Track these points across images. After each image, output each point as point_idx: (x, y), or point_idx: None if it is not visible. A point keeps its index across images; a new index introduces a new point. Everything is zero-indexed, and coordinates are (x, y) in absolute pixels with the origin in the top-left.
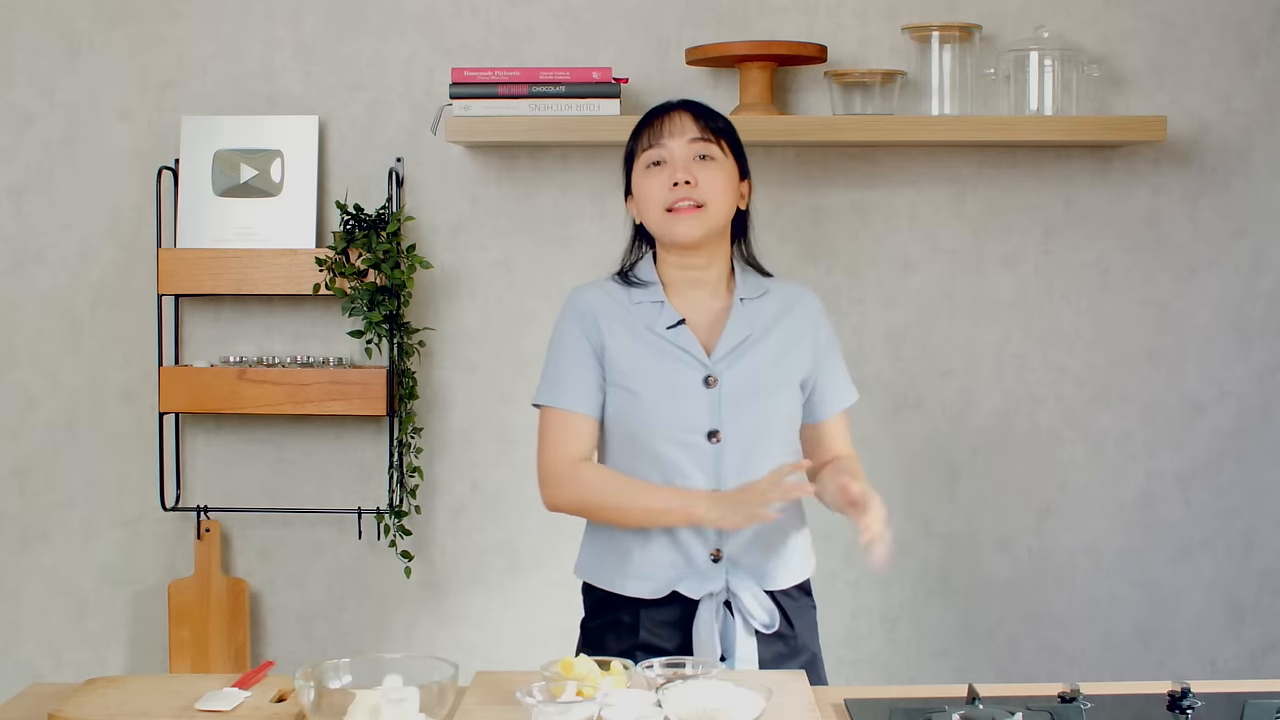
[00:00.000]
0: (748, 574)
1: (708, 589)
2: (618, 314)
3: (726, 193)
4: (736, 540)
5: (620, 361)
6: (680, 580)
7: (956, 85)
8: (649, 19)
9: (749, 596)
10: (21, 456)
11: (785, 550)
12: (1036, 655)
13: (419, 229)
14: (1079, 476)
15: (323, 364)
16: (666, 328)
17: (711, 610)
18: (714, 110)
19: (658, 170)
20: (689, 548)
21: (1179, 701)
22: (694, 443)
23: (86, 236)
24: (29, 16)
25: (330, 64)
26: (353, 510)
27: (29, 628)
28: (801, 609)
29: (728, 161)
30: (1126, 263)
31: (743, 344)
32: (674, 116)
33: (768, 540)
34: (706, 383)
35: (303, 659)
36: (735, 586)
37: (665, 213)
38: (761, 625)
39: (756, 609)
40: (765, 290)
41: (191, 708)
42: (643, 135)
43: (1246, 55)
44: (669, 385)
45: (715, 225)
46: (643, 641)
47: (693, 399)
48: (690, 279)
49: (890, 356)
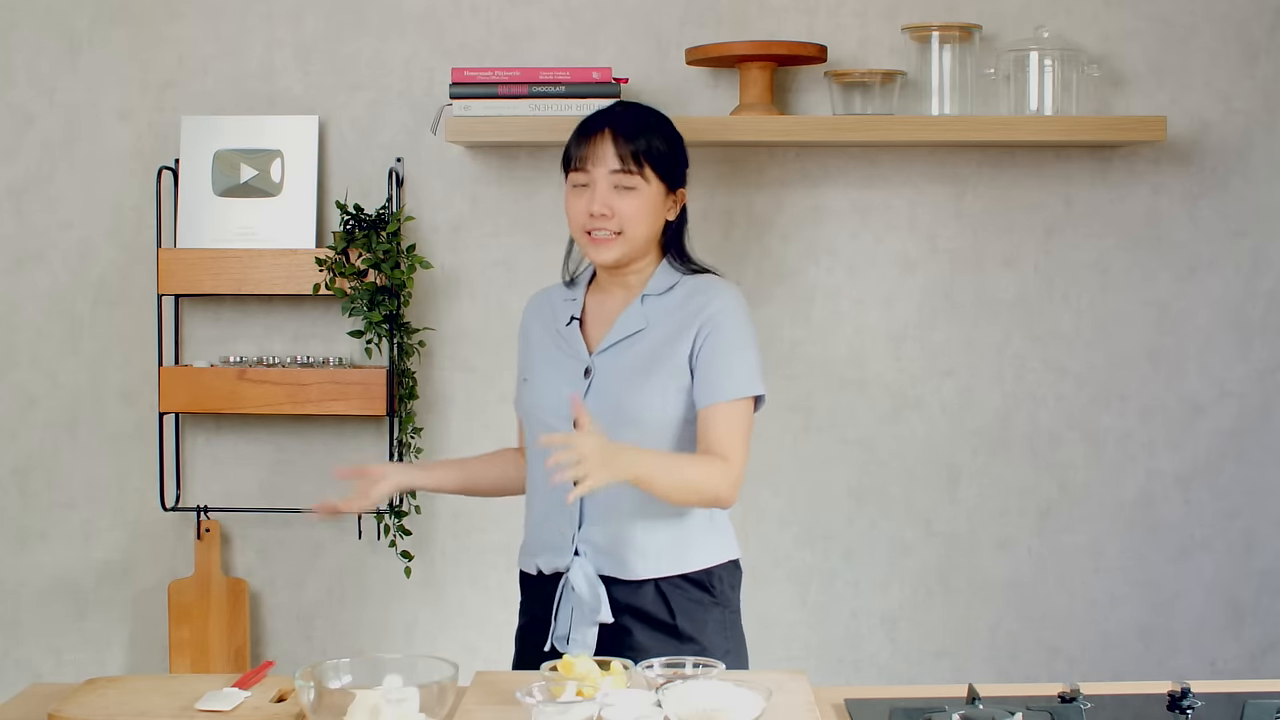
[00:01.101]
0: (600, 560)
1: (557, 566)
2: (544, 314)
3: (643, 219)
4: (592, 526)
5: (529, 355)
6: (541, 555)
7: (956, 85)
8: (649, 19)
9: (581, 580)
10: (21, 456)
11: (641, 541)
12: (1036, 655)
13: (419, 229)
14: (1079, 476)
15: (323, 364)
16: (564, 325)
17: (557, 588)
18: (645, 123)
19: (581, 192)
20: (559, 526)
21: (1179, 701)
22: (563, 428)
23: (86, 236)
24: (29, 16)
25: (330, 64)
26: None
27: (29, 628)
28: (690, 600)
29: (650, 187)
30: (1126, 263)
31: (629, 338)
32: (597, 141)
33: (622, 529)
34: (586, 374)
35: (303, 659)
36: (574, 569)
37: (585, 234)
38: (589, 610)
39: (585, 593)
40: (673, 285)
41: (191, 708)
42: (572, 153)
43: (1246, 55)
44: (553, 374)
45: (632, 249)
46: (536, 614)
47: (567, 389)
48: (616, 281)
49: (890, 356)
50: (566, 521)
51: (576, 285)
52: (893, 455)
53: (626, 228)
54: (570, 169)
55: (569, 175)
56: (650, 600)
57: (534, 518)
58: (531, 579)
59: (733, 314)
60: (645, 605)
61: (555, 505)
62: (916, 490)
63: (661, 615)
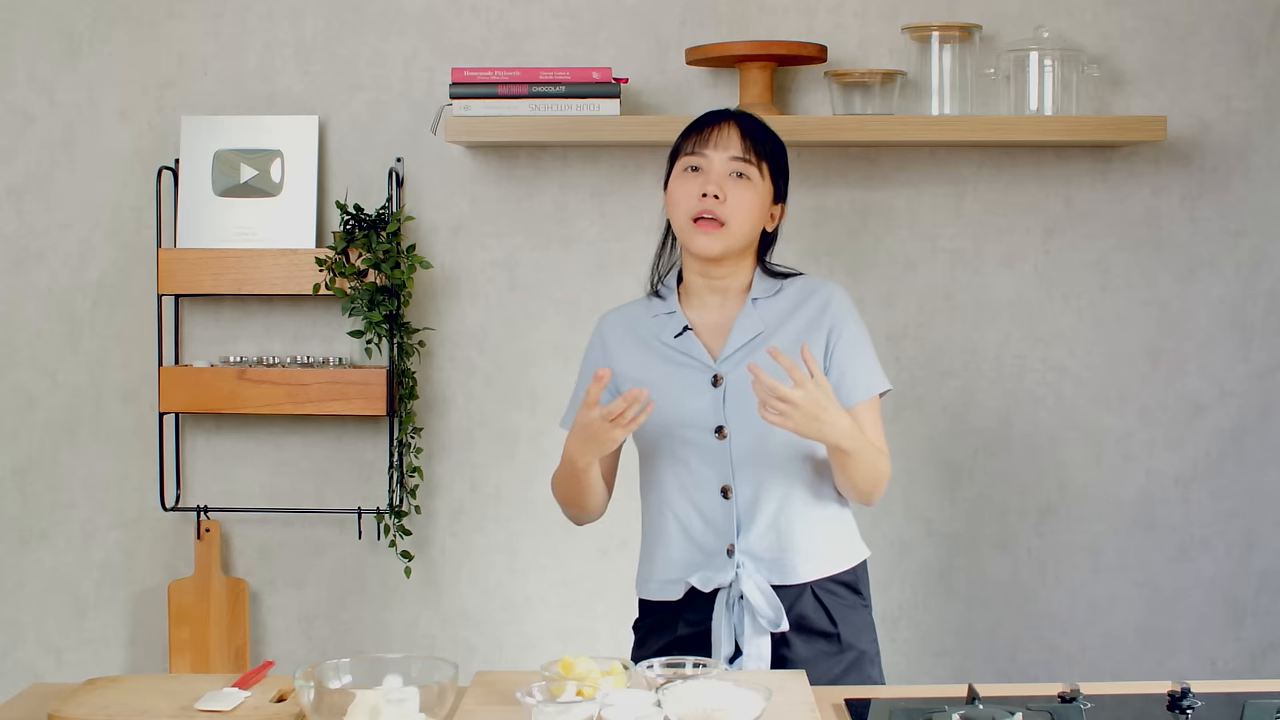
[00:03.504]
0: (760, 568)
1: (717, 583)
2: (633, 331)
3: (753, 214)
4: (750, 534)
5: (631, 373)
6: (694, 573)
7: (956, 85)
8: (649, 19)
9: (755, 591)
10: (21, 456)
11: (803, 542)
12: (1036, 655)
13: (419, 229)
14: (1079, 476)
15: (323, 364)
16: (674, 336)
17: (724, 605)
18: (767, 130)
19: (693, 176)
20: (704, 543)
21: (1179, 701)
22: (702, 440)
23: (86, 236)
24: (29, 16)
25: (330, 64)
26: (353, 510)
27: (29, 628)
28: (846, 606)
29: (763, 184)
30: (1126, 263)
31: (752, 342)
32: (723, 128)
33: (782, 532)
34: (714, 382)
35: (303, 659)
36: (744, 581)
37: (690, 221)
38: (768, 622)
39: (762, 605)
40: (779, 288)
41: (191, 708)
42: (690, 138)
43: (1246, 55)
44: (676, 387)
45: (735, 244)
46: (680, 635)
47: (699, 398)
48: (711, 286)
49: (890, 356)
50: (717, 536)
51: (663, 299)
52: (893, 455)
53: (734, 219)
54: (684, 153)
55: (680, 160)
56: (811, 609)
57: (672, 540)
58: (664, 605)
59: (853, 311)
60: (806, 614)
61: (700, 522)
62: (916, 490)
63: (823, 624)
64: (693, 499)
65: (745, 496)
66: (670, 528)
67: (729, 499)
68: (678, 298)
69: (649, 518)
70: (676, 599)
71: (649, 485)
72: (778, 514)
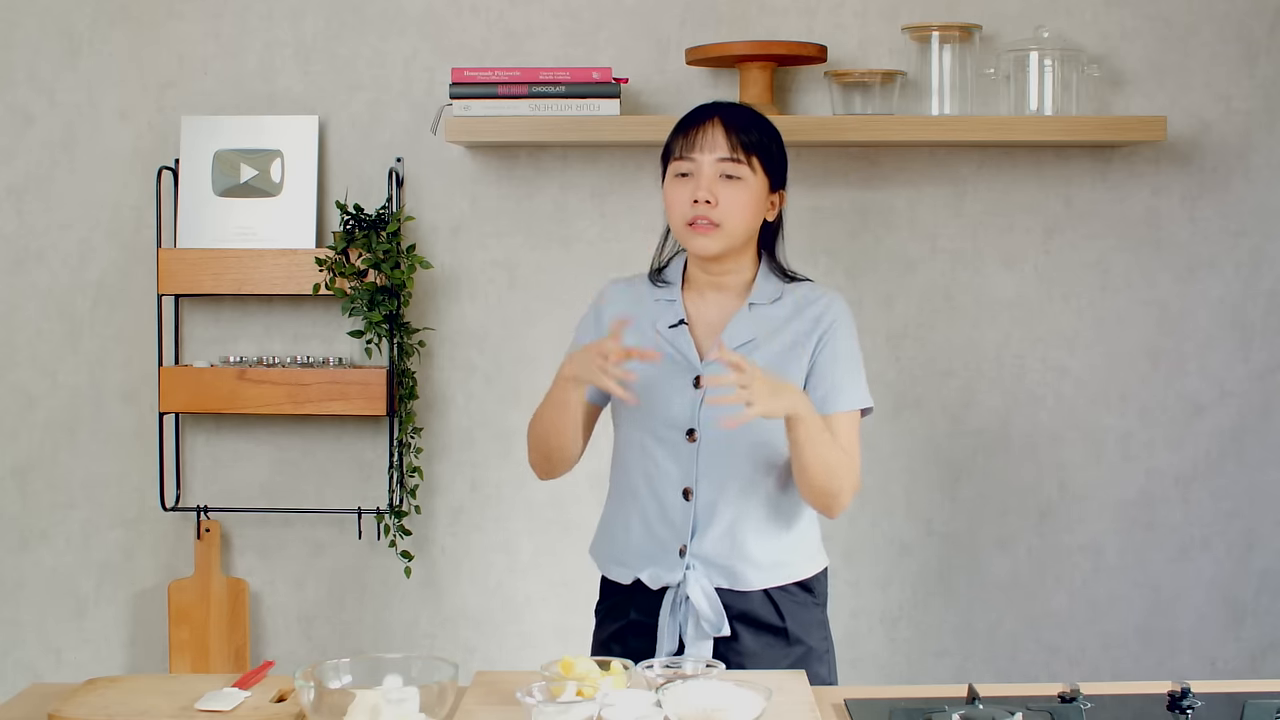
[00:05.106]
0: (710, 572)
1: (665, 581)
2: (635, 309)
3: (747, 212)
4: (704, 538)
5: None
6: (645, 569)
7: (956, 85)
8: (649, 19)
9: (700, 595)
10: (21, 456)
11: (756, 553)
12: (1036, 655)
13: (419, 229)
14: (1079, 476)
15: (323, 364)
16: (669, 327)
17: (670, 604)
18: (754, 118)
19: (684, 181)
20: (660, 536)
21: (1179, 701)
22: (673, 439)
23: (86, 236)
24: (29, 16)
25: (330, 64)
26: (353, 510)
27: (29, 628)
28: (796, 603)
29: (756, 179)
30: (1126, 263)
31: (742, 348)
32: (708, 128)
33: (736, 541)
34: (695, 383)
35: (303, 659)
36: (690, 584)
37: (685, 225)
38: (710, 626)
39: (705, 609)
40: (780, 295)
41: (191, 708)
42: (677, 141)
43: (1246, 55)
44: (659, 383)
45: (733, 243)
46: (633, 619)
47: (678, 397)
48: (712, 282)
49: (890, 356)
50: (673, 534)
51: (668, 285)
52: (893, 455)
53: (728, 219)
54: (673, 158)
55: (670, 165)
56: (759, 605)
57: (631, 526)
58: (622, 587)
59: (850, 323)
60: (754, 609)
61: (658, 517)
62: (916, 490)
63: (771, 619)
64: (656, 492)
65: (705, 500)
66: (631, 514)
67: (689, 500)
68: (682, 284)
69: (614, 496)
70: (626, 584)
71: (619, 465)
72: (734, 522)
